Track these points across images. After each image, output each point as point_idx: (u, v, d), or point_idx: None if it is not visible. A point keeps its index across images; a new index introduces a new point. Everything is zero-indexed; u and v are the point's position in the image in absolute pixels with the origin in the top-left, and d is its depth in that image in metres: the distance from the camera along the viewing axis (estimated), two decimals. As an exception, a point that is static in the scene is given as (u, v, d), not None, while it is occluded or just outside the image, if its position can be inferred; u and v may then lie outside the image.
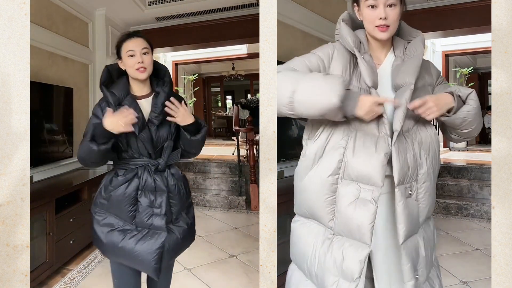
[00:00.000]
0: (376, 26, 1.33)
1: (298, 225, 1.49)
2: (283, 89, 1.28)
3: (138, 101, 1.69)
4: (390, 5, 1.32)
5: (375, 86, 1.31)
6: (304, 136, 1.50)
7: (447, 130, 1.45)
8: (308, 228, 1.45)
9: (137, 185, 1.66)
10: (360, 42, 1.36)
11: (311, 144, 1.43)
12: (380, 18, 1.31)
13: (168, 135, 1.70)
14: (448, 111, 1.32)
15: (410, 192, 1.33)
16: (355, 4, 1.41)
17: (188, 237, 1.79)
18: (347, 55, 1.37)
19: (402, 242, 1.30)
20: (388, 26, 1.33)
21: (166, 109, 1.64)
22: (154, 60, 1.73)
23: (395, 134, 1.30)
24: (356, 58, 1.34)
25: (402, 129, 1.31)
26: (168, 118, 1.65)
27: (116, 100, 1.64)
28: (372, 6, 1.32)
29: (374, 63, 1.35)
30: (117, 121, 1.53)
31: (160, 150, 1.69)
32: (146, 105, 1.70)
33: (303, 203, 1.44)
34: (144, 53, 1.67)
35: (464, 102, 1.36)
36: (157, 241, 1.64)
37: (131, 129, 1.56)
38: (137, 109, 1.64)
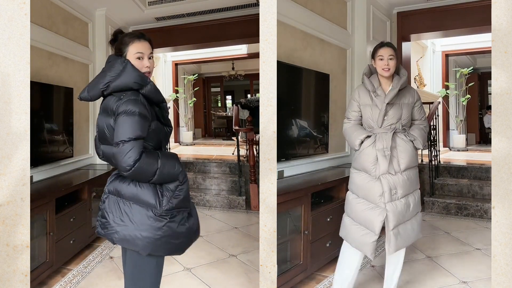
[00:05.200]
0: (382, 69, 2.32)
1: (354, 172, 2.41)
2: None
3: None
4: (391, 58, 2.30)
5: (379, 105, 2.33)
6: None
7: None
8: (360, 174, 2.37)
9: None
10: (372, 84, 2.36)
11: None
12: (385, 65, 2.31)
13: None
14: None
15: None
16: (372, 58, 2.39)
17: None
18: (367, 91, 2.39)
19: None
20: (389, 69, 2.31)
21: None
22: None
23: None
24: (372, 91, 2.38)
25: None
26: None
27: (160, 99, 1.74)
28: (381, 59, 2.32)
29: (383, 91, 2.34)
30: None
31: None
32: None
33: (360, 163, 2.36)
34: (150, 58, 1.72)
35: None
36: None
37: None
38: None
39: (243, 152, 5.26)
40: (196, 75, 8.88)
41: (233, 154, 6.07)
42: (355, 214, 2.35)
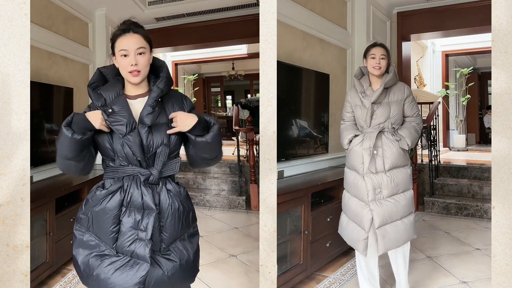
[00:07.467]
0: (373, 67, 2.34)
1: (348, 171, 2.45)
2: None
3: (131, 101, 1.51)
4: (383, 58, 2.33)
5: (366, 104, 2.36)
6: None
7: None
8: (351, 172, 2.41)
9: (120, 200, 1.44)
10: (362, 85, 2.40)
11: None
12: (376, 63, 2.33)
13: (163, 139, 1.47)
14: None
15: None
16: (364, 58, 2.41)
17: (181, 276, 1.51)
18: (357, 92, 2.42)
19: None
20: (380, 68, 2.34)
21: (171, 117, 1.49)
22: (153, 57, 1.54)
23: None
24: (361, 92, 2.42)
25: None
26: (169, 131, 1.48)
27: (102, 101, 1.49)
28: (373, 57, 2.34)
29: (372, 91, 2.36)
30: (98, 116, 1.45)
31: (153, 157, 1.46)
32: (140, 105, 1.50)
33: (350, 161, 2.42)
34: (140, 53, 1.46)
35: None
36: (137, 273, 1.39)
37: (106, 129, 1.45)
38: (126, 109, 1.47)
39: (243, 152, 5.26)
40: (196, 75, 8.88)
41: (233, 154, 6.07)
42: (349, 212, 2.41)
